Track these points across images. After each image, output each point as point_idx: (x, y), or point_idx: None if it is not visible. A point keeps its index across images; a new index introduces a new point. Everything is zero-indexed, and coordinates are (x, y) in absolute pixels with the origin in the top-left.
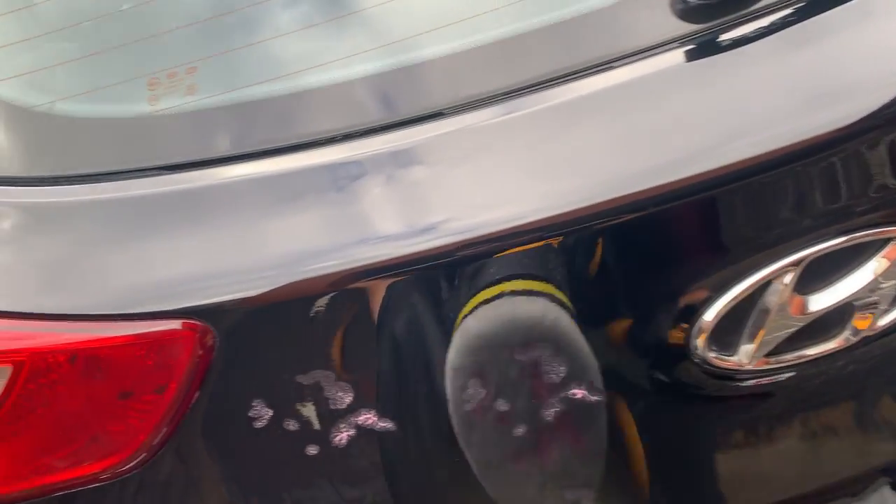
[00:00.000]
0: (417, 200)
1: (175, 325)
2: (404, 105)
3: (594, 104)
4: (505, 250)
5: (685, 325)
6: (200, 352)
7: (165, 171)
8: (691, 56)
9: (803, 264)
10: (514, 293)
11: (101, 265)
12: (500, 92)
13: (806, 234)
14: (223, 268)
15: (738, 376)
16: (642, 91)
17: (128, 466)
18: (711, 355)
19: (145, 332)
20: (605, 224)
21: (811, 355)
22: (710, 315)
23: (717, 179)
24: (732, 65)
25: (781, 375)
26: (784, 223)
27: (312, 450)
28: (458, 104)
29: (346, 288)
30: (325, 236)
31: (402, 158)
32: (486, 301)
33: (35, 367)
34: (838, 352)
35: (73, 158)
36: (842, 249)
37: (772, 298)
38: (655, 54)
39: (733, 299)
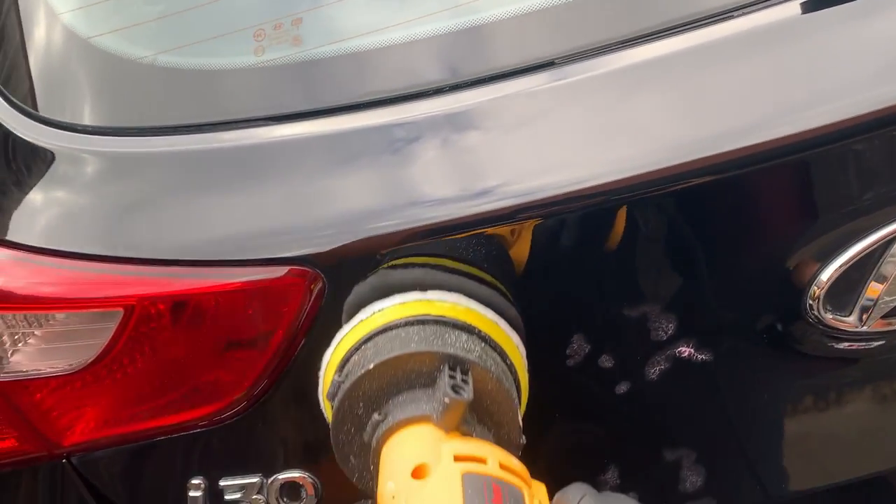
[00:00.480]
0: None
1: (284, 271)
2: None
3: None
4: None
5: (802, 286)
6: (309, 299)
7: (272, 122)
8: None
9: None
10: None
11: (212, 213)
12: (560, 56)
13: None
14: (332, 215)
15: (854, 337)
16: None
17: (227, 414)
18: (828, 316)
19: (255, 279)
20: (722, 178)
21: None
22: (827, 275)
23: (826, 137)
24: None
25: None
26: None
27: None
28: (516, 68)
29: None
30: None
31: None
32: None
33: (144, 312)
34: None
35: (177, 109)
36: None
37: (892, 259)
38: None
39: (851, 258)
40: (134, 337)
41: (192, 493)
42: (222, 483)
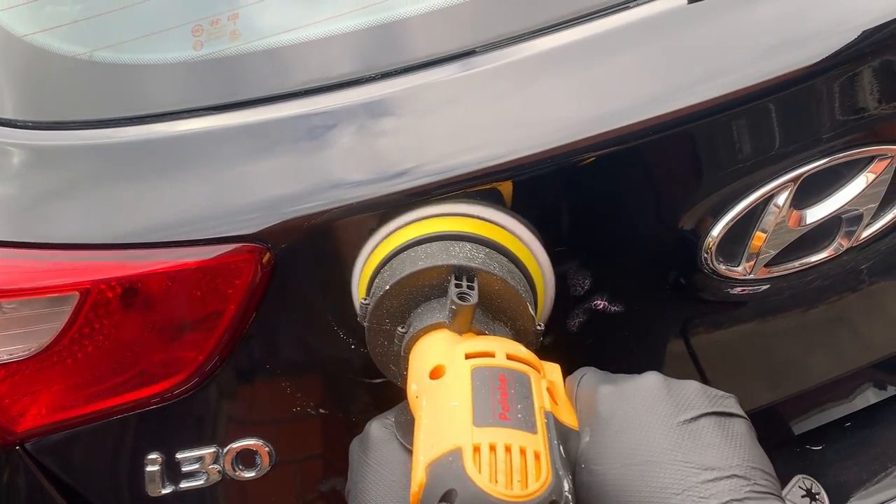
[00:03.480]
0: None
1: (234, 248)
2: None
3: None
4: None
5: (697, 241)
6: (259, 275)
7: (214, 111)
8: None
9: (799, 182)
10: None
11: (162, 197)
12: (467, 48)
13: (798, 154)
14: (272, 195)
15: (744, 284)
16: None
17: (181, 389)
18: (720, 267)
19: (206, 257)
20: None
21: (806, 264)
22: (718, 230)
23: (713, 108)
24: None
25: (780, 283)
26: (782, 145)
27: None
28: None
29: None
30: (370, 163)
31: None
32: None
33: (99, 295)
34: (828, 261)
35: (115, 101)
36: (834, 167)
37: (771, 213)
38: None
39: (737, 214)
40: (89, 320)
41: (149, 468)
42: (179, 456)
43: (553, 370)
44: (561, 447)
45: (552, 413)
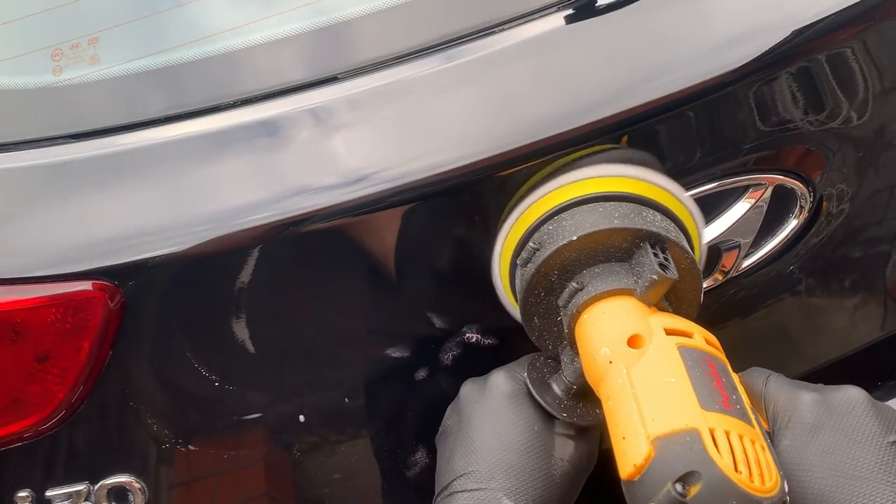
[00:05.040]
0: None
1: (86, 286)
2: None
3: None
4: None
5: None
6: (111, 310)
7: (72, 139)
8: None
9: None
10: None
11: (11, 231)
12: (419, 48)
13: (681, 179)
14: (131, 229)
15: None
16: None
17: (49, 424)
18: None
19: (57, 293)
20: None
21: None
22: None
23: (609, 126)
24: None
25: None
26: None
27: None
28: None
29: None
30: (229, 196)
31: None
32: None
33: None
34: (710, 290)
35: None
36: (714, 194)
37: None
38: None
39: None
40: None
41: None
42: (49, 493)
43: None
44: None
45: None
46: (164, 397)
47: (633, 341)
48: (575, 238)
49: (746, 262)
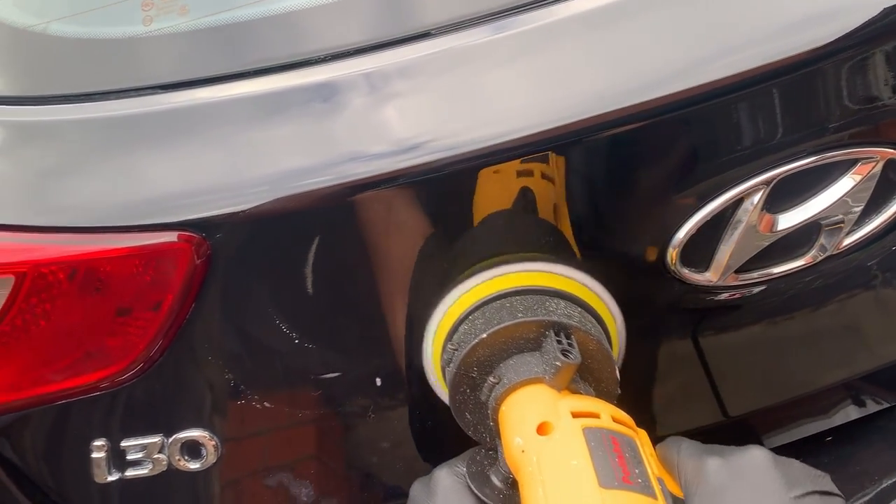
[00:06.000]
0: (404, 119)
1: (171, 237)
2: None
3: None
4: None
5: (660, 243)
6: (196, 263)
7: (160, 90)
8: None
9: (773, 183)
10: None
11: (103, 180)
12: (481, 14)
13: (776, 153)
14: (218, 181)
15: (712, 291)
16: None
17: (126, 376)
18: (685, 271)
19: (143, 244)
20: (580, 142)
21: (780, 272)
22: (682, 233)
23: (688, 100)
24: None
25: (752, 290)
26: (754, 143)
27: (299, 357)
28: (440, 27)
29: (331, 204)
30: (313, 153)
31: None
32: None
33: (36, 278)
34: (805, 269)
35: (67, 78)
36: (812, 169)
37: (742, 216)
38: None
39: (704, 217)
40: (26, 304)
41: (94, 455)
42: (124, 443)
43: (643, 436)
44: None
45: (662, 479)
46: (242, 353)
47: (542, 428)
48: (485, 335)
49: (848, 241)
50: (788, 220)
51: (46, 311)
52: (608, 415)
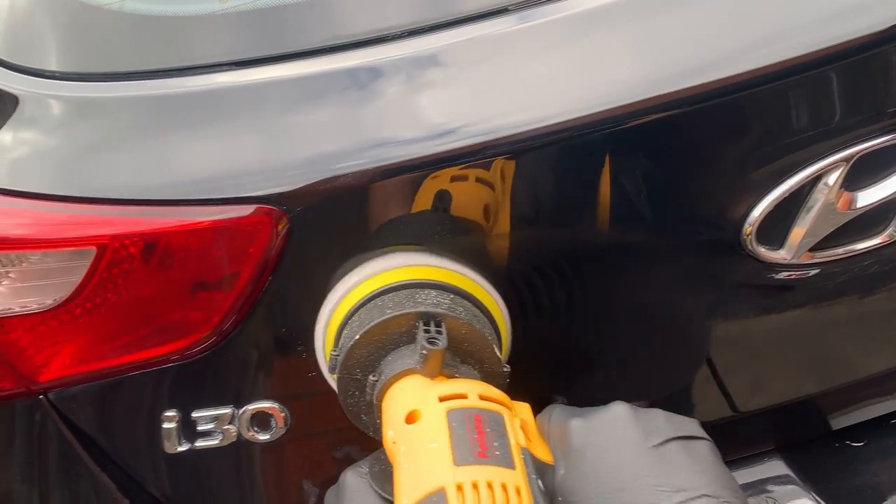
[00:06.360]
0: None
1: (251, 210)
2: None
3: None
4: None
5: (736, 222)
6: (275, 237)
7: (236, 67)
8: None
9: (853, 161)
10: None
11: (181, 154)
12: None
13: (856, 130)
14: (298, 155)
15: (787, 269)
16: None
17: (199, 348)
18: (761, 250)
19: (223, 217)
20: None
21: (856, 250)
22: (759, 210)
23: (771, 75)
24: None
25: (823, 268)
26: (836, 120)
27: None
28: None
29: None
30: (401, 128)
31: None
32: None
33: (116, 250)
34: (883, 247)
35: (145, 54)
36: (892, 146)
37: (820, 194)
38: None
39: (782, 194)
40: (106, 275)
41: (165, 425)
42: (195, 414)
43: (523, 409)
44: (539, 481)
45: (528, 449)
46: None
47: (410, 418)
48: (358, 336)
49: None
50: (867, 197)
51: (125, 283)
52: (476, 394)
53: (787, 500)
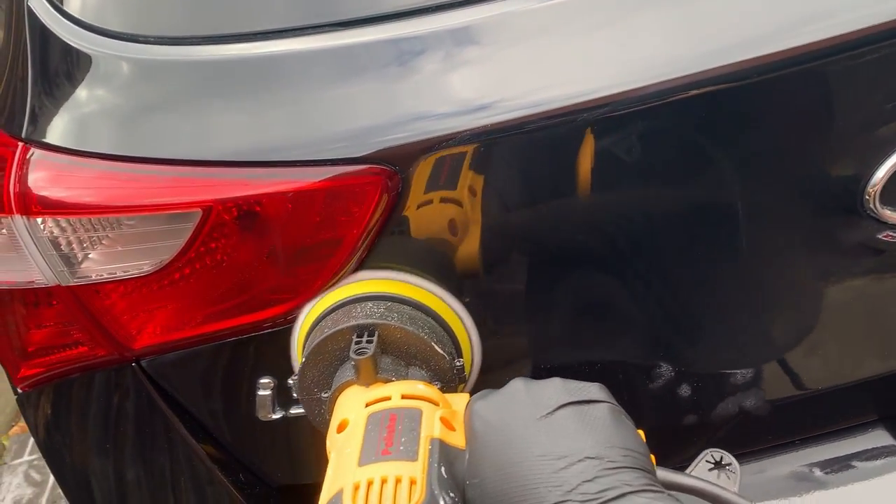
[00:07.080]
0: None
1: (361, 169)
2: None
3: None
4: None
5: (859, 182)
6: (385, 197)
7: (340, 28)
8: None
9: None
10: None
11: (286, 115)
12: None
13: None
14: (403, 115)
15: None
16: None
17: (295, 316)
18: (885, 211)
19: (332, 177)
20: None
21: None
22: (883, 171)
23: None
24: None
25: None
26: None
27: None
28: None
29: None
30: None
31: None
32: None
33: (221, 213)
34: None
35: (238, 17)
36: None
37: None
38: None
39: None
40: (210, 238)
41: (261, 392)
42: (291, 381)
43: (461, 399)
44: (443, 468)
45: (439, 439)
46: None
47: (340, 427)
48: (304, 360)
49: None
50: None
51: (225, 248)
52: (399, 394)
53: (889, 470)
